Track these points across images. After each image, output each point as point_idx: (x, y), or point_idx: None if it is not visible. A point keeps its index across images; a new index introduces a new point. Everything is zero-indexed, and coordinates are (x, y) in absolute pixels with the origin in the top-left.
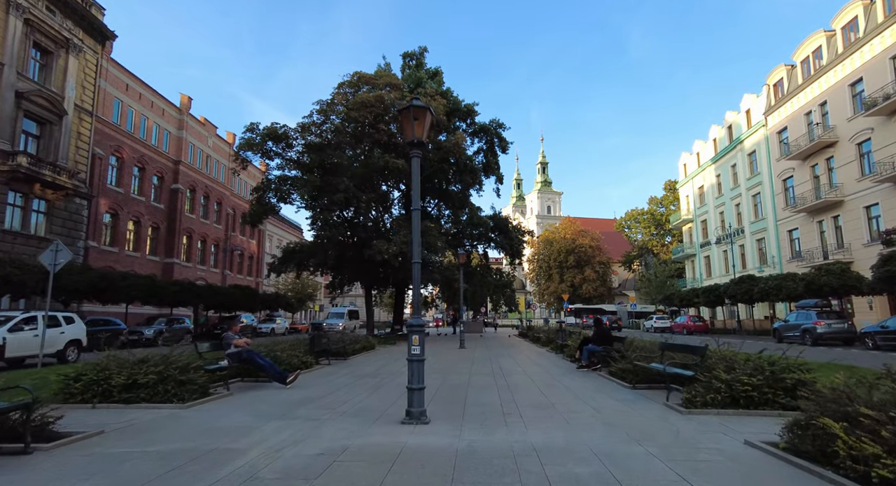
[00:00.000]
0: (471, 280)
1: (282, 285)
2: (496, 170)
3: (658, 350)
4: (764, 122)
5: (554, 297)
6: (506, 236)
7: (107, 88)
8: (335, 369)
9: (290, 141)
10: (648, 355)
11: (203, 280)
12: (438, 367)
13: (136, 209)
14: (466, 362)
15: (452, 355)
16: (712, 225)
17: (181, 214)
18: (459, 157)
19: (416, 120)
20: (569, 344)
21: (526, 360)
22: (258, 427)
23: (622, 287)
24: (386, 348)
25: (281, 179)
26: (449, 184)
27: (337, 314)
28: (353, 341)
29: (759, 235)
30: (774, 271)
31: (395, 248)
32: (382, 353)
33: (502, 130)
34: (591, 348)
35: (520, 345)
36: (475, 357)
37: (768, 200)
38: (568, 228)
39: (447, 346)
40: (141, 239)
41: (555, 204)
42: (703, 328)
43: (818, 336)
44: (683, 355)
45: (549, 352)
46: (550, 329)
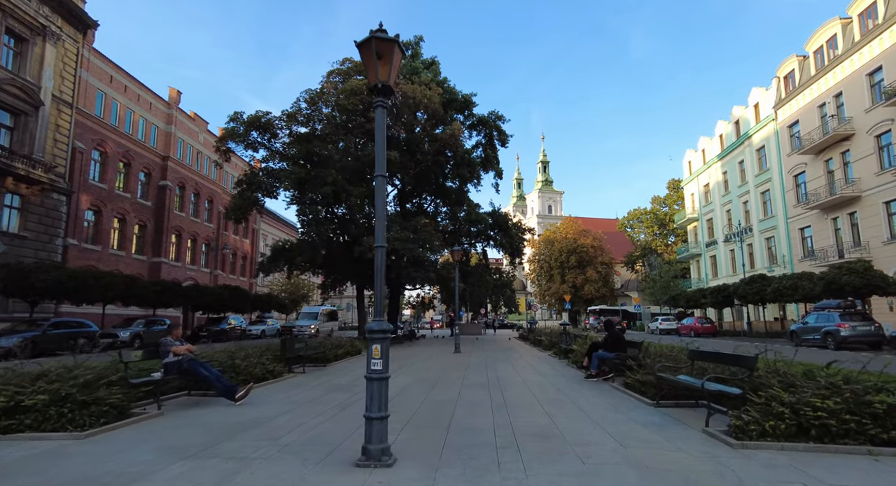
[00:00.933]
0: (468, 280)
1: (276, 285)
2: (495, 164)
3: (686, 360)
4: (774, 116)
5: (555, 298)
6: (505, 234)
7: (88, 80)
8: (306, 380)
9: (275, 131)
10: (673, 366)
11: (193, 280)
12: (426, 376)
13: (121, 206)
14: (459, 369)
15: (445, 361)
16: (719, 224)
17: (170, 211)
18: (456, 150)
19: (381, 59)
20: (574, 349)
21: (526, 366)
22: (154, 473)
23: (624, 288)
24: None
25: (265, 172)
26: (445, 179)
27: (308, 315)
28: (336, 346)
29: (768, 234)
30: (785, 270)
31: (388, 244)
32: None
33: (502, 122)
34: (602, 355)
35: (520, 349)
36: (470, 363)
37: (778, 197)
38: (569, 227)
39: (441, 350)
40: (126, 237)
41: (556, 204)
42: (712, 331)
43: (842, 340)
44: (719, 365)
45: (551, 357)
46: (552, 332)
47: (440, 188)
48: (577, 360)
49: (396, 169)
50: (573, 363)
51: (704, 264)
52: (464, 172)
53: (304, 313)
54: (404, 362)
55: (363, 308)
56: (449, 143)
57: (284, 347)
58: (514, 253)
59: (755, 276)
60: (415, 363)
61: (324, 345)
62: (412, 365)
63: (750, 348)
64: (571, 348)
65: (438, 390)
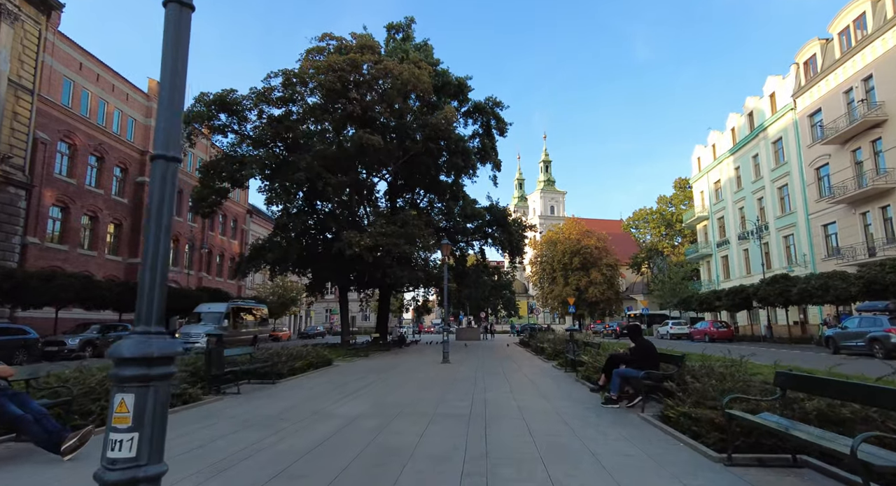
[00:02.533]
0: (464, 281)
1: (266, 288)
2: (493, 155)
3: (761, 385)
4: (792, 105)
5: (558, 301)
6: (505, 231)
7: (53, 65)
8: (228, 406)
9: (244, 112)
10: (751, 398)
11: (175, 283)
12: (393, 399)
13: (93, 203)
14: (439, 387)
15: (426, 376)
16: (731, 222)
17: None
18: (449, 137)
19: None
20: (584, 361)
21: (525, 383)
22: None
23: (630, 291)
24: (349, 363)
25: (231, 157)
26: (439, 172)
27: (210, 317)
28: (295, 357)
29: (786, 232)
30: (806, 270)
31: (370, 240)
32: (336, 372)
33: (500, 109)
34: (626, 374)
35: (519, 357)
36: (457, 378)
37: (798, 192)
38: (573, 228)
39: (428, 359)
40: (99, 237)
41: (558, 204)
42: (729, 335)
43: (893, 347)
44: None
45: (555, 369)
46: (557, 338)
47: (433, 182)
48: (588, 374)
49: (382, 156)
50: (583, 378)
51: (715, 264)
52: (458, 162)
53: (204, 312)
54: (377, 376)
55: (346, 311)
56: (441, 128)
57: (210, 361)
58: (515, 252)
59: (777, 276)
60: (388, 378)
61: (278, 356)
62: (384, 381)
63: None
64: (580, 359)
65: (396, 427)
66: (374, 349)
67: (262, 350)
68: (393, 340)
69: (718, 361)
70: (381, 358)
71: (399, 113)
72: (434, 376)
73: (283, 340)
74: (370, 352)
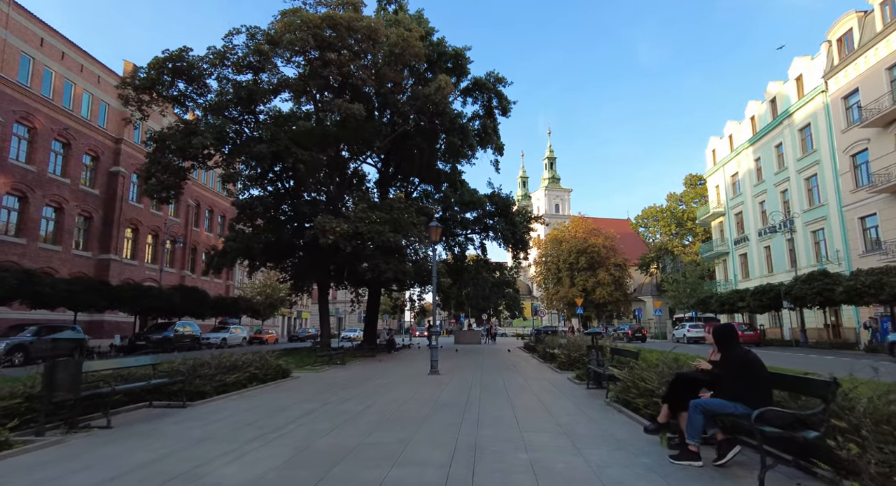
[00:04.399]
0: (462, 278)
1: (255, 287)
2: (495, 138)
3: None
4: (823, 87)
5: (564, 303)
6: (508, 222)
7: (8, 39)
8: (34, 462)
9: (204, 77)
10: None
11: (154, 282)
12: (328, 443)
13: (56, 193)
14: (412, 418)
15: (402, 395)
16: (750, 217)
17: (123, 202)
18: (444, 112)
19: None
20: (615, 376)
21: (537, 409)
22: None
23: (637, 292)
24: (313, 375)
25: (176, 127)
26: (434, 156)
27: None
28: (229, 368)
29: (815, 226)
30: (840, 268)
31: (348, 226)
32: (285, 389)
33: (503, 86)
34: (718, 408)
35: (524, 366)
36: (441, 400)
37: (829, 182)
38: (579, 226)
39: (415, 368)
40: (64, 230)
41: (563, 202)
42: (755, 340)
43: None
44: None
45: (573, 383)
46: (572, 343)
47: (428, 168)
48: (626, 398)
49: (366, 133)
50: (617, 401)
51: (733, 263)
52: (455, 141)
53: None
54: (334, 397)
55: (326, 311)
56: (435, 102)
57: (51, 381)
58: (519, 245)
59: (815, 273)
60: (347, 400)
61: (201, 368)
62: (336, 407)
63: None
64: (611, 374)
65: None
66: (357, 355)
67: (184, 361)
68: (381, 344)
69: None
70: (359, 367)
71: (386, 83)
72: (411, 397)
73: (269, 343)
74: (349, 359)
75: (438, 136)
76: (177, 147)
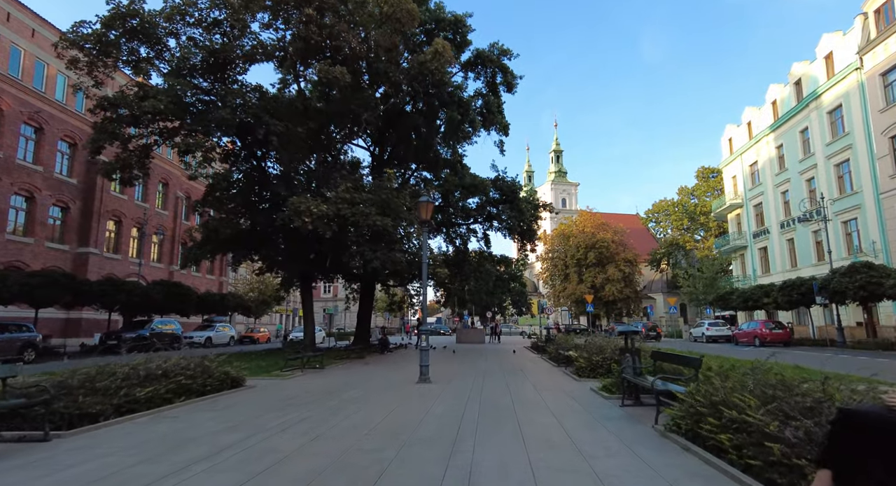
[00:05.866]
0: (463, 270)
1: (243, 283)
2: (500, 117)
3: None
4: (858, 64)
5: (571, 300)
6: (514, 209)
7: None
8: None
9: (159, 34)
10: None
11: (140, 278)
12: None
13: (27, 181)
14: (368, 465)
15: (370, 419)
16: (771, 209)
17: (104, 192)
18: (443, 82)
19: None
20: (673, 392)
21: (563, 446)
22: None
23: (647, 289)
24: (277, 383)
25: (137, 93)
26: (432, 134)
27: None
28: (164, 376)
29: (846, 216)
30: (877, 260)
31: (327, 207)
32: (224, 406)
33: (508, 58)
34: None
35: (534, 371)
36: (422, 430)
37: (864, 168)
38: (587, 220)
39: (403, 374)
40: (36, 221)
41: (570, 196)
42: (785, 338)
43: None
44: None
45: (603, 398)
46: (591, 345)
47: (425, 149)
48: (693, 427)
49: (354, 105)
50: (676, 430)
51: (751, 257)
52: (454, 116)
53: None
54: (280, 416)
55: (310, 307)
56: (431, 70)
57: None
58: (526, 236)
59: (857, 264)
60: (298, 420)
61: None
62: (276, 435)
63: None
64: (665, 389)
65: None
66: (343, 357)
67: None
68: (373, 343)
69: None
70: (337, 373)
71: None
72: (380, 422)
73: (260, 342)
74: (331, 361)
75: (437, 114)
76: (129, 113)
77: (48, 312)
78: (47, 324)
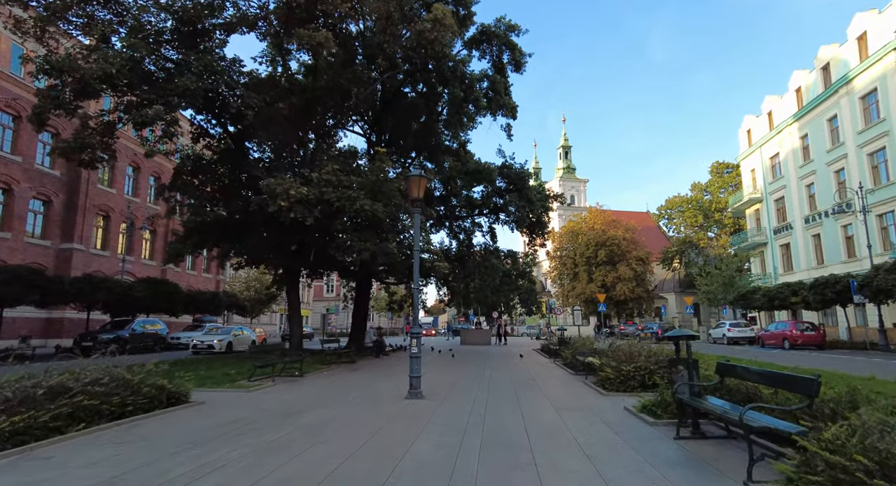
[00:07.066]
0: (465, 265)
1: (238, 280)
2: (507, 98)
3: None
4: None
5: (581, 300)
6: (523, 197)
7: None
8: None
9: None
10: None
11: (129, 275)
12: None
13: (5, 173)
14: None
15: (334, 456)
16: (794, 203)
17: (90, 185)
18: (444, 54)
19: None
20: (800, 441)
21: None
22: None
23: (659, 289)
24: (234, 397)
25: (88, 56)
26: (433, 118)
27: None
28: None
29: (882, 208)
30: None
31: (308, 190)
32: (132, 436)
33: (515, 34)
34: None
35: (548, 381)
36: None
37: None
38: (597, 217)
39: (394, 386)
40: (15, 215)
41: (579, 193)
42: (819, 341)
43: None
44: None
45: (647, 425)
46: (618, 350)
47: (426, 136)
48: None
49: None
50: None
51: (772, 254)
52: (457, 93)
53: None
54: (198, 457)
55: (297, 305)
56: (429, 40)
57: None
58: (536, 229)
59: None
60: (217, 465)
61: None
62: None
63: None
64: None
65: None
66: (330, 361)
67: None
68: (368, 346)
69: None
70: (316, 382)
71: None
72: (334, 471)
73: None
74: (313, 367)
75: (438, 97)
76: (75, 79)
77: (27, 311)
78: (26, 324)
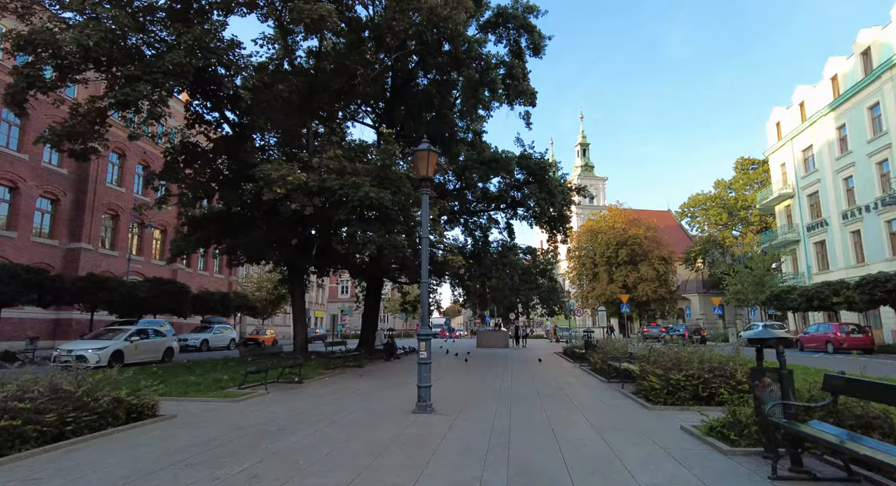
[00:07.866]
0: (481, 263)
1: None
2: (525, 84)
3: None
4: None
5: (601, 301)
6: (543, 189)
7: None
8: None
9: None
10: None
11: (139, 276)
12: None
13: (10, 171)
14: None
15: None
16: (830, 197)
17: (97, 184)
18: (457, 35)
19: None
20: None
21: None
22: None
23: (681, 290)
24: (218, 407)
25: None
26: (446, 105)
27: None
28: None
29: None
30: None
31: (307, 176)
32: (76, 461)
33: (534, 16)
34: None
35: (578, 390)
36: None
37: None
38: (617, 216)
39: (400, 397)
40: (20, 214)
41: (598, 192)
42: (867, 344)
43: None
44: None
45: (716, 451)
46: (663, 356)
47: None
48: None
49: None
50: None
51: (805, 252)
52: (472, 75)
53: None
54: None
55: (301, 304)
56: (442, 18)
57: None
58: (557, 224)
59: None
60: None
61: None
62: None
63: None
64: None
65: None
66: (336, 366)
67: None
68: (378, 348)
69: None
70: (314, 391)
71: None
72: None
73: (266, 345)
74: (317, 373)
75: (451, 82)
76: (50, 54)
77: (35, 312)
78: (34, 325)
